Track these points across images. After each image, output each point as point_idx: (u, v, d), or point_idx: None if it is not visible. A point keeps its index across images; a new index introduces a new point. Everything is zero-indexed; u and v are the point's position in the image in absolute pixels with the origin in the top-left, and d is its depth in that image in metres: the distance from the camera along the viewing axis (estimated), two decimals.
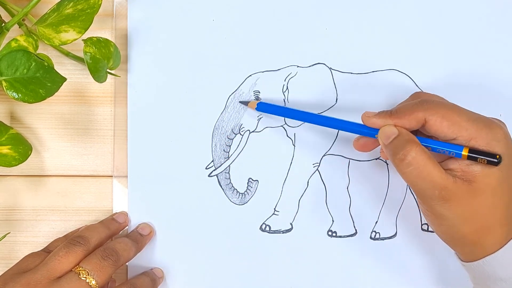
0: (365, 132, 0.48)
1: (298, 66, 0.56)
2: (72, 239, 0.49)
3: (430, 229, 0.55)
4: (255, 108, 0.54)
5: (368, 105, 0.55)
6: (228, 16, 0.56)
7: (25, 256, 0.49)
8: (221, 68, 0.55)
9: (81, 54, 0.49)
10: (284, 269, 0.55)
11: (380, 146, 0.48)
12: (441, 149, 0.45)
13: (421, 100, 0.46)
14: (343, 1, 0.56)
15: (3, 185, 0.55)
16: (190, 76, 0.55)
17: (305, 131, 0.55)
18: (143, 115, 0.55)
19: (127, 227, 0.55)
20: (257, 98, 0.55)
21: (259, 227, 0.56)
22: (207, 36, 0.56)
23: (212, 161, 0.55)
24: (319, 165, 0.56)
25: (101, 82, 0.50)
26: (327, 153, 0.56)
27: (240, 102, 0.55)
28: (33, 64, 0.47)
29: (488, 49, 0.56)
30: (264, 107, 0.53)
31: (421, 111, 0.45)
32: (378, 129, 0.47)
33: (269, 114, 0.55)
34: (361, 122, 0.48)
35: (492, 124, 0.45)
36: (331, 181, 0.56)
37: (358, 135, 0.50)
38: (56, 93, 0.47)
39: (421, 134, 0.47)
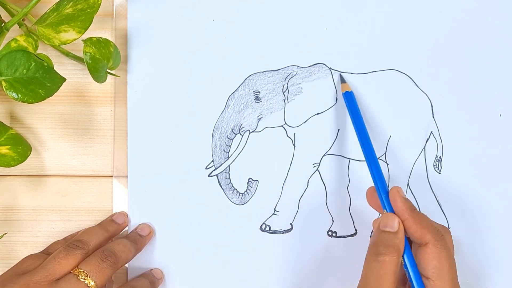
0: (383, 195, 0.49)
1: (298, 66, 0.56)
2: (71, 243, 0.49)
3: None
4: (342, 93, 0.54)
5: (368, 105, 0.55)
6: (228, 16, 0.56)
7: (24, 258, 0.49)
8: (221, 68, 0.55)
9: (81, 54, 0.49)
10: (284, 269, 0.55)
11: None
12: (411, 275, 0.46)
13: (440, 231, 0.46)
14: (343, 1, 0.56)
15: (2, 185, 0.55)
16: (190, 76, 0.55)
17: (305, 131, 0.55)
18: (143, 115, 0.55)
19: (127, 227, 0.55)
20: (257, 98, 0.55)
21: (259, 227, 0.55)
22: (207, 36, 0.56)
23: (212, 161, 0.55)
24: (319, 165, 0.55)
25: (101, 82, 0.50)
26: (327, 153, 0.56)
27: (340, 74, 0.55)
28: (33, 64, 0.46)
29: (488, 49, 0.56)
30: (349, 99, 0.53)
31: (431, 236, 0.46)
32: (390, 205, 0.48)
33: (271, 115, 0.55)
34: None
35: None
36: (331, 181, 0.56)
37: (373, 188, 0.50)
38: (56, 93, 0.47)
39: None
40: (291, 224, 0.56)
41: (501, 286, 0.56)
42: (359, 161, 0.56)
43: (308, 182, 0.56)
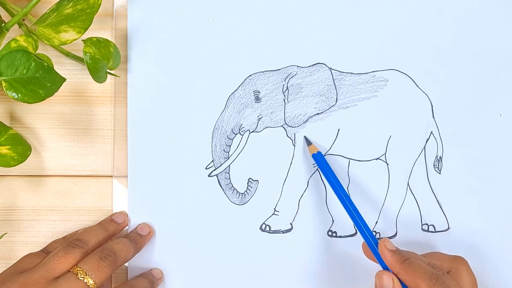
0: (374, 250, 0.49)
1: (298, 66, 0.56)
2: (70, 242, 0.49)
3: (430, 229, 0.55)
4: (312, 154, 0.54)
5: (368, 105, 0.55)
6: (228, 16, 0.56)
7: (24, 256, 0.49)
8: (221, 68, 0.55)
9: (81, 54, 0.49)
10: (284, 269, 0.55)
11: None
12: None
13: (436, 274, 0.46)
14: (343, 1, 0.56)
15: (3, 185, 0.56)
16: (190, 76, 0.55)
17: (305, 131, 0.55)
18: (143, 115, 0.55)
19: (127, 227, 0.55)
20: (257, 98, 0.55)
21: (259, 227, 0.55)
22: (207, 36, 0.56)
23: (212, 161, 0.55)
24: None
25: (100, 82, 0.50)
26: (327, 153, 0.56)
27: (305, 136, 0.55)
28: (33, 64, 0.46)
29: (488, 49, 0.56)
30: (319, 159, 0.54)
31: (425, 284, 0.45)
32: (382, 260, 0.48)
33: (271, 115, 0.55)
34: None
35: None
36: None
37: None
38: (56, 93, 0.47)
39: None
40: (291, 224, 0.56)
41: (502, 286, 0.56)
42: (359, 161, 0.56)
43: (308, 182, 0.56)
